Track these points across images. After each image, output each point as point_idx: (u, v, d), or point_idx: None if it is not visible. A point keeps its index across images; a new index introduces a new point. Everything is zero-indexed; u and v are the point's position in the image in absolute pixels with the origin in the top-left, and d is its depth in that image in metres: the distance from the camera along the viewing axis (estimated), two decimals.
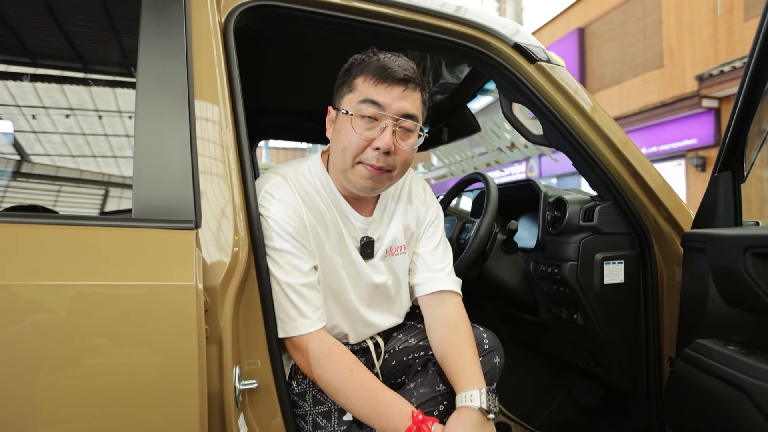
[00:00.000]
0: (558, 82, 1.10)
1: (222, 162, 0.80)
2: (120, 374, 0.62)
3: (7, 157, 0.79)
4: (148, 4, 0.80)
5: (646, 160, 1.13)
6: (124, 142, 0.81)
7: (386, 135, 0.84)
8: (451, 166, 2.41)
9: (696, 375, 0.79)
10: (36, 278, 0.61)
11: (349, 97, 0.87)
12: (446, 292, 0.98)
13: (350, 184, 0.89)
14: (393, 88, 0.84)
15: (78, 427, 0.61)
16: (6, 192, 0.77)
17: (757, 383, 0.66)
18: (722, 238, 0.81)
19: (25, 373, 0.59)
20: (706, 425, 0.78)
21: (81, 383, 0.61)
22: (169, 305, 0.64)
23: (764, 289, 0.71)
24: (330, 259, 0.92)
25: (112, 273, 0.65)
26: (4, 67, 0.83)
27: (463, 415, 0.81)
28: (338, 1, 0.96)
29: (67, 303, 0.61)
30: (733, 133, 0.85)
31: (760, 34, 0.78)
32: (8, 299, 0.59)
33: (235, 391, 0.73)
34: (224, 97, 0.84)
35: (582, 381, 1.64)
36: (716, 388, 0.74)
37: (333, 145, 0.91)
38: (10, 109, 0.79)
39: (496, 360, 0.97)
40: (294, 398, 0.92)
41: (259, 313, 0.82)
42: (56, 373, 0.60)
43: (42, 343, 0.60)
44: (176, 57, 0.80)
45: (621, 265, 1.17)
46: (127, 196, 0.75)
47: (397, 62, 0.86)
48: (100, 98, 0.84)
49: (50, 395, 0.60)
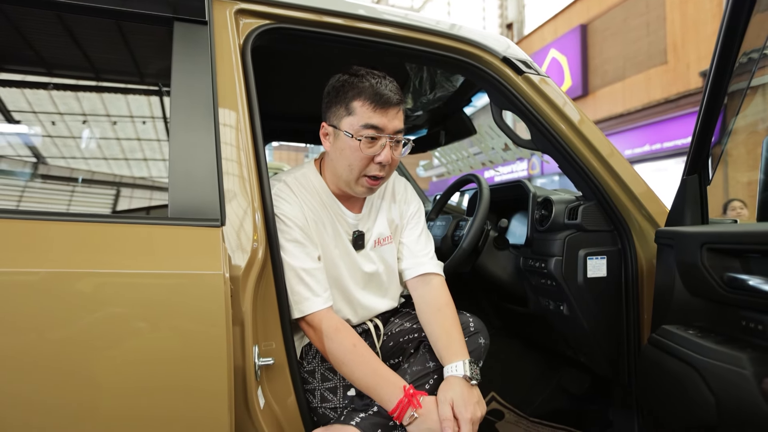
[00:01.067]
0: (543, 92, 1.21)
1: (242, 166, 0.91)
2: (163, 347, 0.74)
3: (70, 164, 0.91)
4: (180, 30, 0.92)
5: (630, 168, 1.24)
6: (162, 149, 0.93)
7: (386, 151, 1.00)
8: (448, 166, 2.51)
9: (660, 356, 0.90)
10: (98, 267, 0.73)
11: (349, 120, 0.99)
12: (430, 274, 1.13)
13: (353, 191, 1.05)
14: (388, 111, 0.99)
15: (128, 392, 0.73)
16: (71, 194, 0.90)
17: (705, 360, 0.77)
18: (684, 235, 0.91)
19: (90, 342, 0.71)
20: (667, 400, 0.89)
21: (130, 356, 0.73)
22: (202, 290, 0.76)
23: (717, 280, 0.81)
24: (329, 250, 1.06)
25: (156, 263, 0.76)
26: (74, 81, 0.96)
27: (450, 383, 0.94)
28: (342, 22, 1.07)
29: (120, 287, 0.73)
30: (698, 139, 0.95)
31: (718, 44, 0.87)
32: (76, 284, 0.71)
33: (254, 366, 0.84)
34: (243, 107, 0.95)
35: (571, 370, 1.74)
36: (675, 366, 0.84)
37: (335, 159, 1.03)
38: (77, 122, 0.91)
39: (481, 341, 1.10)
40: (304, 375, 1.03)
41: (274, 301, 0.93)
42: (113, 344, 0.72)
43: (102, 319, 0.71)
44: (203, 73, 0.91)
45: (603, 260, 1.27)
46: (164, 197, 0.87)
47: (388, 87, 1.00)
48: (139, 108, 0.96)
49: (110, 363, 0.71)
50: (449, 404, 0.91)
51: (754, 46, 0.86)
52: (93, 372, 0.71)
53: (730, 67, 0.86)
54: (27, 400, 0.68)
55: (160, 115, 0.94)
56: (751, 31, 0.82)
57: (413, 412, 0.89)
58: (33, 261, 0.71)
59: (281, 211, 0.98)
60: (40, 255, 0.72)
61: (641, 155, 8.45)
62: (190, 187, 0.84)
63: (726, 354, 0.73)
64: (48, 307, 0.69)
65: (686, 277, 0.92)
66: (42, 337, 0.69)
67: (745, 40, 0.84)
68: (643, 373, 1.00)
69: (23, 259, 0.71)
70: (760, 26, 0.83)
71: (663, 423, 0.95)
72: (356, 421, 0.93)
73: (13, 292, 0.69)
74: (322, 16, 1.05)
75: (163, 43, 0.91)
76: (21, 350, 0.68)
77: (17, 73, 0.94)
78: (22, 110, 0.90)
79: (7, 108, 0.89)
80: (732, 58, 0.85)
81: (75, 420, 0.70)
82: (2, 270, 0.69)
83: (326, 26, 1.06)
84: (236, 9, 1.00)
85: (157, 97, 0.97)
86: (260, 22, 1.02)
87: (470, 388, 0.95)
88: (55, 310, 0.70)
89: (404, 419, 0.90)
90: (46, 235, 0.74)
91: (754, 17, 0.82)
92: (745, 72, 0.89)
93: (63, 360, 0.70)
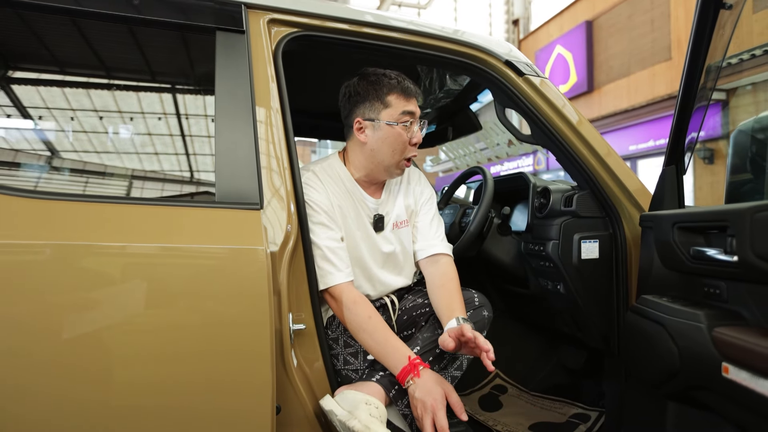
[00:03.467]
0: (543, 93, 1.34)
1: (276, 157, 1.05)
2: (217, 312, 0.88)
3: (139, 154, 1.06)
4: (221, 39, 1.06)
5: (625, 167, 1.37)
6: (209, 142, 1.07)
7: (419, 132, 1.20)
8: (456, 160, 2.64)
9: (637, 320, 1.03)
10: (165, 242, 0.88)
11: (387, 112, 1.17)
12: (439, 255, 1.27)
13: (391, 175, 1.22)
14: (412, 99, 1.18)
15: (185, 352, 0.87)
16: (144, 182, 1.04)
17: (671, 319, 0.91)
18: (661, 217, 1.05)
19: (160, 305, 0.85)
20: (642, 355, 1.03)
21: (187, 318, 0.87)
22: (248, 262, 0.90)
23: (684, 253, 0.95)
24: (352, 232, 1.20)
25: (211, 239, 0.91)
26: (138, 83, 1.11)
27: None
28: (360, 29, 1.20)
29: (182, 259, 0.88)
30: (674, 134, 1.08)
31: (689, 48, 0.99)
32: (143, 256, 0.86)
33: (290, 330, 0.99)
34: (276, 106, 1.09)
35: (569, 347, 1.88)
36: (648, 327, 0.98)
37: (377, 149, 1.19)
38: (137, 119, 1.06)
39: (485, 313, 1.24)
40: (329, 342, 1.18)
41: (304, 276, 1.07)
42: (178, 310, 0.86)
43: (165, 285, 0.86)
44: (242, 76, 1.05)
45: (596, 243, 1.40)
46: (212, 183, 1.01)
47: (407, 81, 1.19)
48: (190, 108, 1.10)
49: (174, 326, 0.86)
50: (460, 330, 1.01)
51: (719, 53, 0.98)
52: (162, 332, 0.85)
53: (699, 69, 0.98)
54: (112, 352, 0.83)
55: (203, 113, 1.08)
56: (716, 38, 0.95)
57: (411, 380, 1.02)
58: (118, 237, 0.86)
59: (310, 197, 1.12)
60: (129, 233, 0.87)
61: (646, 150, 8.52)
62: (233, 175, 0.98)
63: (686, 312, 0.87)
64: (131, 275, 0.84)
65: (662, 253, 1.05)
66: (129, 296, 0.84)
67: (711, 46, 0.96)
68: (625, 336, 1.13)
69: (114, 236, 0.86)
70: (722, 33, 0.95)
71: (639, 376, 1.09)
72: (376, 378, 1.07)
73: (110, 260, 0.84)
74: (342, 24, 1.19)
75: (208, 50, 1.05)
76: (114, 306, 0.82)
77: (109, 78, 1.09)
78: (109, 110, 1.05)
79: (101, 110, 1.04)
80: (701, 60, 0.97)
81: (144, 375, 0.84)
82: (103, 244, 0.84)
83: (346, 33, 1.20)
84: (269, 19, 1.13)
85: (203, 97, 1.11)
86: (289, 30, 1.16)
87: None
88: (134, 277, 0.84)
89: (405, 383, 1.03)
90: (128, 216, 0.89)
91: (718, 24, 0.94)
92: (713, 73, 1.02)
93: (142, 320, 0.84)
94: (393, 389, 1.06)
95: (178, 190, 1.06)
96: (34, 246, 0.81)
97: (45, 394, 0.78)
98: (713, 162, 7.92)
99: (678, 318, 0.89)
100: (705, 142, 7.94)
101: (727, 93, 7.52)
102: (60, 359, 0.79)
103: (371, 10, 1.23)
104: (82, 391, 0.80)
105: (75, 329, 0.80)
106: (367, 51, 1.25)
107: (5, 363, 0.77)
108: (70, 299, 0.81)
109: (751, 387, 0.72)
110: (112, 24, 1.02)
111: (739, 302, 0.84)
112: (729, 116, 7.48)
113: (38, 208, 0.83)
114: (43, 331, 0.79)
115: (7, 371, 0.77)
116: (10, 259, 0.79)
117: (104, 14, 0.99)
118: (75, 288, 0.81)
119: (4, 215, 0.81)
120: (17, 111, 0.99)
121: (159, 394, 0.85)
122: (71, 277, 0.81)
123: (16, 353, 0.77)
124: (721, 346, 0.80)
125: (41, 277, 0.80)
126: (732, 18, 0.98)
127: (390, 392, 1.06)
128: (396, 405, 1.07)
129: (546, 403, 1.79)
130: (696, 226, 0.93)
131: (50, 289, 0.80)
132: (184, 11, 1.05)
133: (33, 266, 0.80)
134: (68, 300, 0.81)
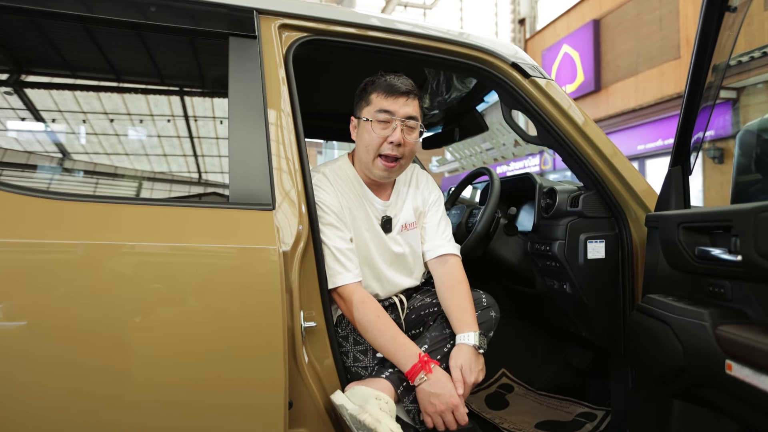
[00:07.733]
0: (549, 94, 1.35)
1: (287, 159, 1.08)
2: (232, 309, 0.91)
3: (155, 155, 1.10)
4: (234, 44, 1.09)
5: (631, 167, 1.38)
6: (223, 144, 1.10)
7: (397, 132, 1.17)
8: (462, 161, 2.66)
9: (643, 319, 1.05)
10: (181, 241, 0.91)
11: (367, 109, 1.19)
12: (448, 255, 1.29)
13: (372, 174, 1.21)
14: (398, 99, 1.17)
15: (201, 349, 0.90)
16: (161, 183, 1.08)
17: (676, 317, 0.92)
18: (666, 217, 1.06)
19: (177, 301, 0.89)
20: (648, 354, 1.04)
21: (203, 316, 0.90)
22: (261, 261, 0.93)
23: (690, 253, 0.96)
24: (361, 233, 1.22)
25: (225, 238, 0.94)
26: (154, 86, 1.15)
27: (462, 350, 1.11)
28: (367, 33, 1.23)
29: (197, 258, 0.91)
30: (680, 135, 1.09)
31: (696, 42, 1.00)
32: (160, 255, 0.89)
33: (301, 327, 1.01)
34: (287, 109, 1.11)
35: (575, 347, 1.89)
36: (654, 326, 1.00)
37: (358, 145, 1.23)
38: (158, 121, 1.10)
39: (493, 314, 1.25)
40: (339, 339, 1.20)
41: (314, 276, 1.10)
42: (186, 303, 0.90)
43: (182, 284, 0.89)
44: (254, 80, 1.08)
45: (602, 243, 1.41)
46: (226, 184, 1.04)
47: (399, 80, 1.19)
48: (204, 111, 1.14)
49: (185, 322, 0.89)
50: (459, 369, 1.08)
51: (725, 53, 0.99)
52: (178, 330, 0.89)
53: (705, 69, 0.99)
54: (131, 342, 0.86)
55: (218, 116, 1.11)
56: (722, 38, 0.96)
57: (424, 376, 1.05)
58: (136, 237, 0.89)
59: (319, 199, 1.15)
60: (148, 233, 0.90)
61: (654, 150, 8.47)
62: (246, 177, 1.01)
63: (691, 311, 0.89)
64: (148, 274, 0.88)
65: (667, 253, 1.06)
66: (146, 294, 0.87)
67: (717, 46, 0.97)
68: (630, 334, 1.15)
69: (132, 236, 0.89)
70: (728, 34, 0.96)
71: (645, 375, 1.10)
72: (386, 375, 1.10)
73: (128, 259, 0.88)
74: (350, 28, 1.21)
75: (222, 55, 1.08)
76: (131, 304, 0.86)
77: (129, 83, 1.12)
78: (137, 114, 1.09)
79: (119, 113, 1.08)
80: (707, 60, 0.98)
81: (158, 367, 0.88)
82: (121, 243, 0.88)
83: (354, 37, 1.22)
84: (279, 24, 1.16)
85: (217, 100, 1.14)
86: (299, 34, 1.19)
87: (477, 356, 1.12)
88: (152, 276, 0.88)
89: (415, 380, 1.06)
90: (147, 217, 0.92)
91: (724, 24, 0.95)
92: (719, 73, 1.03)
93: (159, 318, 0.88)
94: (401, 386, 1.08)
95: (193, 191, 1.09)
96: (66, 246, 0.85)
97: (63, 390, 0.82)
98: (723, 162, 7.85)
99: (683, 316, 0.91)
100: (714, 142, 7.86)
101: (737, 91, 7.45)
102: (76, 356, 0.83)
103: (378, 14, 1.25)
104: (99, 387, 0.84)
105: (92, 327, 0.84)
106: (375, 54, 1.27)
107: (22, 359, 0.80)
108: (89, 297, 0.84)
109: (754, 383, 0.74)
110: (136, 32, 1.06)
111: (743, 301, 0.85)
112: (739, 115, 7.41)
113: (78, 210, 0.88)
114: (61, 329, 0.82)
115: (21, 367, 0.80)
116: (33, 258, 0.83)
117: (132, 23, 1.03)
118: (94, 286, 0.85)
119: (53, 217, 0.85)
120: (53, 116, 1.02)
121: (176, 390, 0.88)
122: (90, 276, 0.85)
123: (32, 352, 0.81)
124: (724, 344, 0.81)
125: (62, 276, 0.83)
126: (738, 18, 0.99)
127: (398, 389, 1.08)
128: (402, 401, 1.09)
129: (552, 402, 1.80)
130: (701, 226, 0.95)
131: (68, 287, 0.83)
132: (200, 18, 1.08)
133: (59, 265, 0.84)
134: (86, 298, 0.84)
